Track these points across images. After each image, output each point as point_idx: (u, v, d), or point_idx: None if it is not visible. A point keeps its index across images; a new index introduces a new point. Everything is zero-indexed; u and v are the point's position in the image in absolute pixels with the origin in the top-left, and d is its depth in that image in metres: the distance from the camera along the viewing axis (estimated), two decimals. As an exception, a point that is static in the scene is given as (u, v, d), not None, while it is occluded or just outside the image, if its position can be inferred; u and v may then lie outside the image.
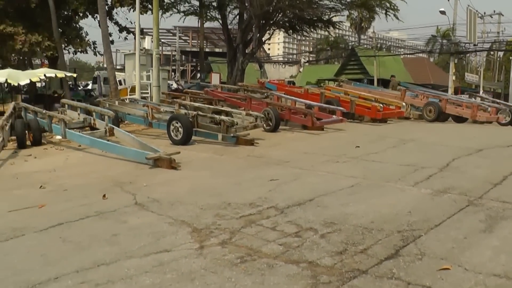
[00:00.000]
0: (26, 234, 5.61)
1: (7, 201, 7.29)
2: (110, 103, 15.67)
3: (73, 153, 11.72)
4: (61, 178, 8.80)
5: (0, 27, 25.13)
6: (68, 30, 29.81)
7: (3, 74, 18.49)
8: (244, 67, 28.92)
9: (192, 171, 9.01)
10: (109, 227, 5.69)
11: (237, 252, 4.71)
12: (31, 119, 13.43)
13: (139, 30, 21.44)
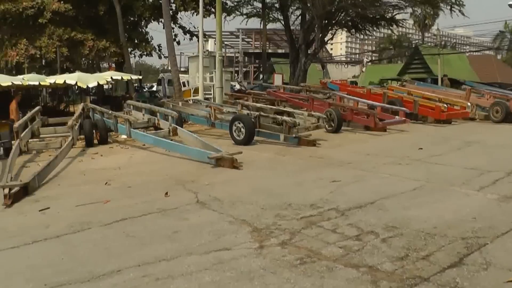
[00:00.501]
0: (92, 228, 5.82)
1: (75, 196, 7.57)
2: (174, 104, 15.97)
3: (137, 152, 12.02)
4: (125, 175, 9.05)
5: (71, 34, 26.17)
6: (134, 35, 30.75)
7: (73, 77, 19.36)
8: (306, 67, 28.83)
9: (254, 171, 9.02)
10: (171, 224, 5.79)
11: (296, 253, 4.67)
12: (98, 119, 13.92)
13: (202, 33, 21.78)
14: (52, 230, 5.86)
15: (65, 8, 25.96)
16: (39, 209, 6.86)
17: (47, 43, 26.15)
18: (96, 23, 29.35)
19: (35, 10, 26.14)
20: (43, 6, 26.05)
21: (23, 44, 26.45)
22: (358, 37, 42.24)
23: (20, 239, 5.56)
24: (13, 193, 7.39)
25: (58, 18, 26.56)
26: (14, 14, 26.41)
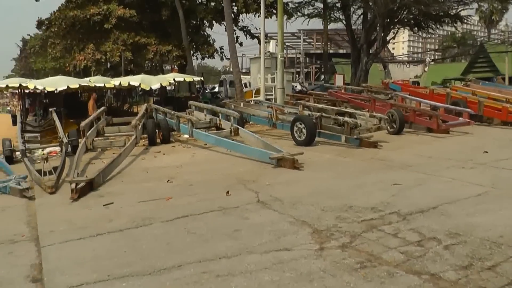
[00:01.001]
0: (154, 223, 5.97)
1: (137, 193, 7.77)
2: (236, 105, 16.13)
3: (199, 151, 12.20)
4: (187, 173, 9.19)
5: (135, 38, 26.94)
6: (196, 38, 31.34)
7: (137, 79, 19.94)
8: (368, 67, 28.46)
9: (315, 172, 8.94)
10: (232, 222, 5.84)
11: (357, 256, 4.60)
12: (161, 119, 14.27)
13: (264, 35, 21.88)
14: (115, 224, 6.05)
15: (130, 14, 26.83)
16: (103, 204, 7.12)
17: (112, 47, 27.10)
18: (159, 27, 30.15)
19: (101, 16, 27.19)
20: (109, 12, 27.05)
21: (90, 49, 27.55)
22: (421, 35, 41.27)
23: (86, 231, 5.79)
24: (79, 188, 7.71)
25: (123, 24, 27.51)
26: (82, 20, 27.54)
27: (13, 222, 6.64)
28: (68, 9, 28.06)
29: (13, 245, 5.60)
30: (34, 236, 5.84)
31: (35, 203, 7.58)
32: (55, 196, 7.95)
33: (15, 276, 4.63)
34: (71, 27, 28.58)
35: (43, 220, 6.51)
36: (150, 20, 30.19)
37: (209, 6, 30.25)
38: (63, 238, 5.62)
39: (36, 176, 8.88)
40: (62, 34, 29.50)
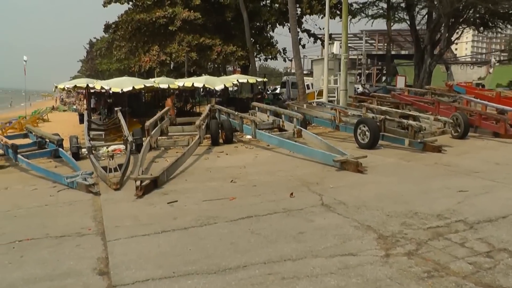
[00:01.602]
0: (218, 223, 6.02)
1: (201, 192, 7.88)
2: (299, 106, 16.11)
3: (261, 152, 12.21)
4: (250, 174, 9.23)
5: (200, 39, 27.37)
6: (260, 39, 31.49)
7: (201, 80, 20.28)
8: (431, 69, 27.82)
9: (379, 176, 8.77)
10: (296, 225, 5.80)
11: (424, 265, 4.48)
12: (224, 120, 14.45)
13: (328, 36, 21.77)
14: (179, 222, 6.15)
15: (195, 16, 27.29)
16: (167, 202, 7.26)
17: (177, 49, 27.62)
18: (223, 28, 30.55)
19: (166, 19, 27.73)
20: (174, 15, 27.59)
21: (155, 51, 28.17)
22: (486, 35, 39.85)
23: (151, 227, 5.93)
24: (144, 185, 7.91)
25: (188, 26, 27.97)
26: (148, 23, 28.22)
27: (80, 216, 6.88)
28: (135, 13, 28.84)
29: (80, 238, 5.80)
30: (100, 231, 6.03)
31: (101, 198, 7.84)
32: (119, 193, 8.19)
33: (83, 268, 4.79)
34: (136, 30, 29.36)
35: (108, 215, 6.72)
36: (215, 22, 30.63)
37: (273, 8, 30.35)
38: (129, 233, 5.77)
39: (102, 172, 9.18)
40: (128, 36, 30.36)
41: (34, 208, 7.60)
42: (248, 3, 28.58)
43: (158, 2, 28.90)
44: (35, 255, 5.30)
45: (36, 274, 4.74)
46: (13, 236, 6.06)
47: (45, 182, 9.64)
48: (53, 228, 6.32)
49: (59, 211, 7.30)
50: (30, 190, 9.07)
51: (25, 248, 5.58)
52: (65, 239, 5.79)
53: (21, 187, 9.41)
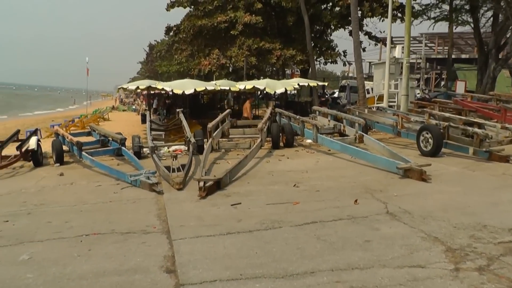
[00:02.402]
0: (283, 227, 5.96)
1: (264, 195, 7.86)
2: (360, 111, 15.88)
3: (323, 157, 12.09)
4: (312, 179, 9.13)
5: (260, 43, 27.46)
6: (320, 43, 31.29)
7: (262, 83, 20.35)
8: (496, 74, 26.81)
9: (443, 185, 8.48)
10: (362, 232, 5.68)
11: (497, 282, 4.27)
12: (285, 123, 14.43)
13: (390, 39, 21.39)
14: (244, 224, 6.15)
15: (256, 21, 27.38)
16: (231, 204, 7.28)
17: (237, 52, 27.82)
18: (283, 32, 30.58)
19: (227, 23, 27.98)
20: (235, 19, 27.80)
21: (215, 54, 28.46)
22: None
23: (216, 229, 5.95)
24: (207, 186, 7.97)
25: (248, 30, 28.12)
26: (209, 27, 28.55)
27: (144, 213, 7.01)
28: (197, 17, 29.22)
29: (145, 235, 5.90)
30: (165, 229, 6.11)
31: (164, 197, 7.96)
32: (182, 193, 8.29)
33: (150, 265, 4.87)
34: (198, 34, 29.77)
35: (172, 215, 6.81)
36: (275, 26, 30.71)
37: (334, 11, 30.14)
38: (194, 233, 5.82)
39: (165, 172, 9.33)
40: (189, 40, 30.82)
41: (99, 204, 7.83)
42: (309, 7, 28.45)
43: (219, 7, 29.18)
44: (102, 250, 5.44)
45: (104, 268, 4.86)
46: (80, 230, 6.26)
47: (109, 179, 9.92)
48: (118, 224, 6.47)
49: (124, 208, 7.47)
50: (94, 186, 9.36)
51: (92, 242, 5.74)
52: (130, 236, 5.91)
53: (86, 183, 9.73)
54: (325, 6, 31.00)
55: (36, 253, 5.45)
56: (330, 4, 30.63)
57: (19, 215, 7.31)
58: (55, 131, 15.27)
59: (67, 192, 9.00)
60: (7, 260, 5.30)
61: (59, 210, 7.55)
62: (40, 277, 4.73)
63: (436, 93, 37.17)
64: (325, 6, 31.00)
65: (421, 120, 13.32)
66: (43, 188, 9.46)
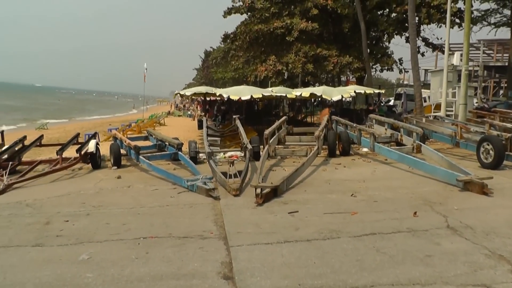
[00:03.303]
0: (341, 237, 5.87)
1: (321, 204, 7.78)
2: (417, 120, 15.54)
3: (379, 166, 11.85)
4: (370, 189, 8.95)
5: (317, 50, 27.38)
6: (376, 50, 30.88)
7: (319, 90, 20.24)
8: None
9: (506, 199, 8.10)
10: (422, 247, 5.51)
11: None
12: (342, 131, 14.26)
13: (448, 46, 20.93)
14: (302, 233, 6.08)
15: (312, 27, 27.29)
16: (288, 211, 7.22)
17: (294, 59, 27.76)
18: (339, 39, 30.38)
19: (284, 30, 28.00)
20: (291, 26, 27.79)
21: (271, 61, 28.49)
22: None
23: (273, 236, 5.91)
24: (264, 193, 7.94)
25: (304, 36, 28.06)
26: (265, 34, 28.65)
27: (201, 219, 7.06)
28: (253, 24, 29.38)
29: (202, 240, 5.93)
30: (222, 235, 6.12)
31: (220, 203, 7.98)
32: (239, 199, 8.30)
33: (207, 271, 4.88)
34: (254, 40, 29.91)
35: (230, 221, 6.82)
36: (331, 32, 30.55)
37: (391, 18, 29.72)
38: (251, 240, 5.81)
39: (221, 178, 9.36)
40: (246, 46, 31.00)
41: (156, 207, 7.93)
42: (366, 13, 28.17)
43: (276, 13, 29.25)
44: (160, 253, 5.50)
45: (162, 272, 4.92)
46: (138, 233, 6.38)
47: (165, 183, 10.05)
48: (175, 228, 6.53)
49: (180, 213, 7.54)
50: (151, 190, 9.49)
51: (150, 245, 5.82)
52: (188, 240, 5.95)
53: (143, 186, 9.88)
54: (382, 12, 30.62)
55: (95, 253, 5.59)
56: (387, 10, 30.23)
57: (78, 216, 7.53)
58: (113, 135, 15.62)
59: (125, 194, 9.18)
60: (67, 258, 5.45)
61: (117, 212, 7.72)
62: (99, 277, 4.84)
63: (496, 103, 35.90)
64: (382, 12, 30.62)
65: (481, 130, 12.88)
66: (101, 190, 9.69)
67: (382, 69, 32.19)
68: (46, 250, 5.83)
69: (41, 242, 6.17)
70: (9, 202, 8.76)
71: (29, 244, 6.07)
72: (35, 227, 6.92)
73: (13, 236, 6.52)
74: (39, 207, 8.26)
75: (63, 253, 5.65)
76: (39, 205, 8.46)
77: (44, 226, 6.99)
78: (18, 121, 46.97)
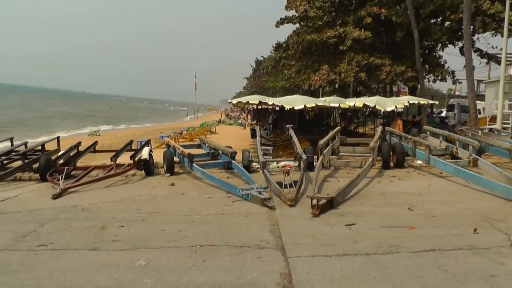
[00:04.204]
0: (401, 252, 5.75)
1: (378, 216, 7.66)
2: (473, 133, 15.15)
3: (435, 180, 11.54)
4: (426, 203, 8.74)
5: (370, 59, 27.07)
6: (430, 59, 30.24)
7: (372, 100, 20.02)
8: None
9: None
10: (485, 265, 5.33)
11: None
12: (396, 143, 13.99)
13: (505, 56, 20.34)
14: (360, 246, 6.00)
15: (365, 36, 27.01)
16: (345, 224, 7.15)
17: (347, 68, 27.52)
18: (392, 48, 29.94)
19: (336, 39, 27.84)
20: (344, 34, 27.58)
21: (325, 70, 28.30)
22: None
23: (332, 249, 5.86)
24: (320, 204, 7.91)
25: (357, 45, 27.81)
26: (318, 43, 28.53)
27: (257, 228, 7.06)
28: (306, 33, 29.31)
29: (260, 250, 5.93)
30: (279, 246, 6.10)
31: (276, 213, 7.98)
32: (295, 209, 8.27)
33: (266, 281, 4.88)
34: (306, 49, 29.84)
35: (286, 231, 6.80)
36: (383, 41, 30.15)
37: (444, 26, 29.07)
38: (309, 252, 5.77)
39: (276, 187, 9.36)
40: (298, 56, 30.94)
41: (211, 216, 7.99)
42: (419, 21, 27.67)
43: (329, 22, 29.12)
44: (217, 262, 5.53)
45: (221, 280, 4.94)
46: (194, 240, 6.44)
47: (219, 191, 10.13)
48: (232, 237, 6.57)
49: (236, 221, 7.57)
50: (205, 197, 9.59)
51: (207, 253, 5.86)
52: (245, 250, 5.97)
53: (196, 194, 10.00)
54: (435, 21, 30.01)
55: (152, 259, 5.67)
56: (441, 18, 29.60)
57: (133, 221, 7.68)
58: (166, 142, 15.85)
59: (179, 202, 9.31)
60: (125, 263, 5.57)
61: (172, 219, 7.82)
62: (157, 283, 4.91)
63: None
64: (435, 21, 30.01)
65: (542, 144, 12.44)
66: (155, 196, 9.86)
67: (435, 80, 31.44)
68: (103, 254, 5.99)
69: (97, 246, 6.33)
70: (65, 206, 9.05)
71: (86, 248, 6.24)
72: (91, 231, 7.12)
73: (70, 239, 6.74)
74: (94, 212, 8.50)
75: (120, 258, 5.77)
76: (94, 209, 8.70)
77: (100, 230, 7.18)
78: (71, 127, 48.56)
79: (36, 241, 6.66)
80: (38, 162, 12.69)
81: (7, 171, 12.52)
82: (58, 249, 6.23)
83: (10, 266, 5.59)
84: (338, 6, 30.27)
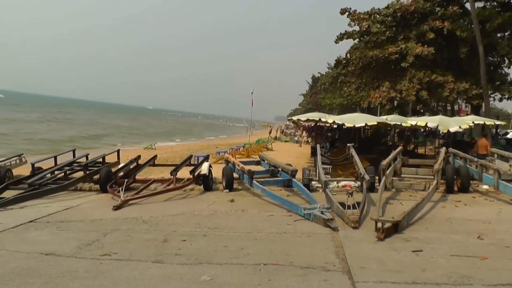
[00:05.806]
0: (474, 285, 5.49)
1: (446, 244, 7.36)
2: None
3: (505, 207, 10.97)
4: (498, 232, 8.29)
5: (432, 76, 26.46)
6: (496, 76, 29.20)
7: (435, 120, 19.49)
8: None
9: None
10: None
11: None
12: (461, 166, 13.51)
13: None
14: (429, 275, 5.79)
15: (428, 52, 26.40)
16: (411, 249, 6.94)
17: (408, 86, 27.00)
18: (454, 65, 29.06)
19: (398, 55, 27.37)
20: (406, 51, 27.08)
21: (385, 87, 27.87)
22: None
23: (400, 276, 5.71)
24: (385, 228, 7.73)
25: (418, 62, 27.22)
26: (379, 59, 28.12)
27: (321, 249, 6.98)
28: (367, 49, 29.00)
29: (326, 273, 5.84)
30: (345, 269, 6.00)
31: (339, 234, 7.85)
32: (358, 232, 8.12)
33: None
34: (366, 66, 29.50)
35: (351, 254, 6.68)
36: (446, 57, 29.27)
37: (512, 41, 27.92)
38: (377, 278, 5.64)
39: (339, 208, 9.22)
40: (358, 72, 30.61)
41: (273, 234, 7.95)
42: (485, 36, 26.70)
43: (390, 37, 28.67)
44: (283, 282, 5.50)
45: (288, 301, 4.82)
46: (257, 258, 6.44)
47: (279, 209, 10.10)
48: (296, 257, 6.51)
49: (299, 241, 7.50)
50: (266, 215, 9.57)
51: (271, 272, 5.84)
52: (310, 271, 5.90)
53: (257, 211, 10.00)
54: (503, 35, 28.97)
55: (216, 275, 5.71)
56: (508, 32, 28.55)
57: (195, 236, 7.76)
58: (225, 158, 15.92)
59: (240, 218, 9.33)
60: (189, 278, 5.63)
61: (233, 236, 7.84)
62: (224, 300, 4.83)
63: None
64: (503, 35, 28.97)
65: None
66: (215, 212, 9.94)
67: (502, 98, 30.17)
68: (167, 267, 6.07)
69: (160, 259, 6.43)
70: (126, 217, 9.28)
71: (149, 260, 6.36)
72: (153, 244, 7.25)
73: (133, 250, 6.88)
74: (155, 225, 8.65)
75: (183, 272, 5.84)
76: (155, 222, 8.87)
77: (162, 243, 7.29)
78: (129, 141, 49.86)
79: (100, 250, 6.88)
80: (99, 174, 13.14)
81: (70, 181, 13.02)
82: (122, 260, 6.39)
83: (77, 273, 5.79)
84: (400, 20, 29.66)
